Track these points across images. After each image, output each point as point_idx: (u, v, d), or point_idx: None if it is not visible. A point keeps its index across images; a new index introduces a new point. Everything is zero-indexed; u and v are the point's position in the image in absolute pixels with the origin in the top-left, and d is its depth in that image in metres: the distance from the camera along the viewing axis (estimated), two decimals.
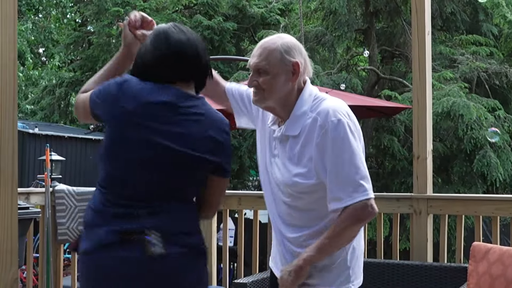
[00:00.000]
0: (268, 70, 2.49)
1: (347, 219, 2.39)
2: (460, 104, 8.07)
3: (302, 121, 2.47)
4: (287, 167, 2.50)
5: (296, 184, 2.46)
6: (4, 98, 2.52)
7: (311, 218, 2.51)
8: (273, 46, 2.50)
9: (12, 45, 2.51)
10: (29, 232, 4.59)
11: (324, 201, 2.43)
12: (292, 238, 2.55)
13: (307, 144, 2.44)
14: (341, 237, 2.43)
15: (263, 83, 2.50)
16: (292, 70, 2.49)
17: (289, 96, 2.51)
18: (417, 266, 4.13)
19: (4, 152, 2.55)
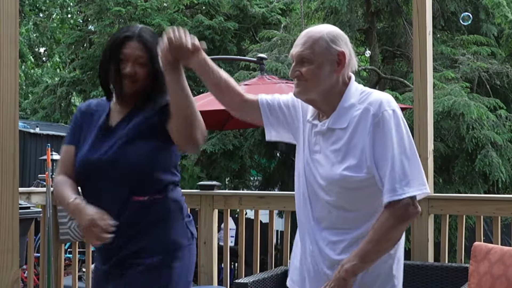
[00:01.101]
0: (312, 59, 2.36)
1: (389, 215, 2.25)
2: (461, 103, 8.06)
3: (351, 113, 2.35)
4: (332, 161, 2.35)
5: (345, 178, 2.31)
6: (5, 97, 2.52)
7: (356, 218, 2.35)
8: (319, 34, 2.39)
9: (13, 44, 2.51)
10: (30, 232, 4.59)
11: (371, 199, 2.31)
12: (333, 243, 2.37)
13: (357, 135, 2.31)
14: (386, 238, 2.26)
15: (307, 73, 2.37)
16: (338, 60, 2.37)
17: (333, 88, 2.39)
18: (418, 266, 4.13)
19: (5, 152, 2.55)
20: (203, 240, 5.05)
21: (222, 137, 10.42)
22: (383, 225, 2.24)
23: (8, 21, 2.49)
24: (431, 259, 4.38)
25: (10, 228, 2.57)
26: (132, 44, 2.50)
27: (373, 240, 2.24)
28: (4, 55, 2.49)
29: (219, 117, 7.42)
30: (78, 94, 15.08)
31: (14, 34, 2.51)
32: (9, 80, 2.52)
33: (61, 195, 2.52)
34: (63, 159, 2.61)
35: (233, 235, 8.36)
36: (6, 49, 2.49)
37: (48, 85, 15.29)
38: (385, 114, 2.29)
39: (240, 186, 11.62)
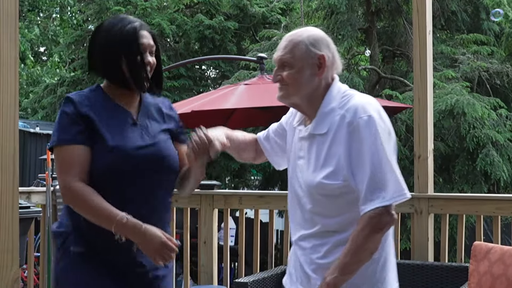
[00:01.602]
0: (292, 64, 2.36)
1: (364, 225, 2.22)
2: (464, 102, 8.06)
3: (330, 118, 2.33)
4: (313, 168, 2.35)
5: (322, 186, 2.30)
6: (5, 97, 2.52)
7: (340, 223, 2.33)
8: (299, 38, 2.38)
9: (13, 44, 2.51)
10: (30, 231, 4.59)
11: (354, 204, 2.28)
12: (317, 246, 2.37)
13: (335, 143, 2.30)
14: (363, 249, 2.24)
15: (288, 78, 2.37)
16: (318, 63, 2.36)
17: (315, 91, 2.38)
18: (418, 265, 4.13)
19: (5, 151, 2.55)
20: (203, 239, 5.05)
21: None
22: (358, 236, 2.23)
23: (8, 21, 2.49)
24: (431, 259, 4.38)
25: (10, 227, 2.57)
26: (145, 34, 2.47)
27: (351, 251, 2.23)
28: (4, 54, 2.49)
29: (219, 117, 7.43)
30: None
31: (14, 34, 2.51)
32: (9, 80, 2.52)
33: (99, 209, 2.30)
34: (78, 160, 2.33)
35: (233, 234, 8.36)
36: (6, 49, 2.49)
37: (48, 85, 15.29)
38: (360, 122, 2.25)
39: (240, 185, 11.62)
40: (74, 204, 2.35)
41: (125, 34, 2.43)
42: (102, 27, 2.50)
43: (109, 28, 2.46)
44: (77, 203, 2.33)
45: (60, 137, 2.36)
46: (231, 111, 7.16)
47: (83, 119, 2.36)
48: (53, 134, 2.39)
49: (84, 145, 2.35)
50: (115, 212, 2.29)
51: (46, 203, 4.94)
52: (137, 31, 2.44)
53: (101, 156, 2.36)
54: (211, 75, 15.08)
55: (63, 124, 2.37)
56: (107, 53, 2.44)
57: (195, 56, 12.89)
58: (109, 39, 2.44)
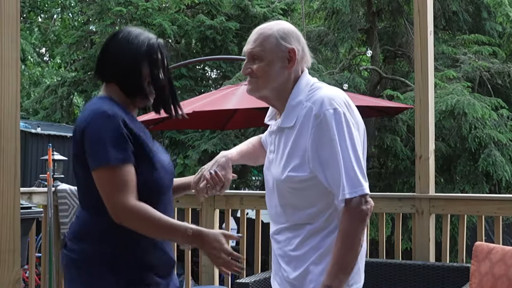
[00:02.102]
0: (262, 57, 2.37)
1: (351, 219, 2.24)
2: (465, 102, 8.06)
3: (297, 111, 2.34)
4: (280, 162, 2.36)
5: (290, 179, 2.31)
6: (7, 97, 2.52)
7: (311, 214, 2.34)
8: (269, 31, 2.39)
9: (14, 44, 2.51)
10: (32, 232, 4.59)
11: (323, 195, 2.30)
12: (289, 239, 2.39)
13: (301, 135, 2.30)
14: (357, 241, 2.25)
15: (257, 70, 2.38)
16: (288, 57, 2.37)
17: (285, 85, 2.39)
18: (419, 266, 4.13)
19: (7, 152, 2.55)
20: None
21: (223, 137, 10.43)
22: (349, 230, 2.24)
23: (9, 21, 2.49)
24: (433, 259, 4.38)
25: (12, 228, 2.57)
26: (164, 51, 2.46)
27: (347, 248, 2.23)
28: (6, 55, 2.50)
29: (220, 117, 7.44)
30: (79, 94, 15.11)
31: (16, 34, 2.51)
32: (11, 80, 2.53)
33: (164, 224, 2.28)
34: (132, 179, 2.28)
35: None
36: (7, 49, 2.50)
37: (49, 85, 15.30)
38: (326, 114, 2.25)
39: (241, 186, 11.62)
40: (137, 223, 2.27)
41: (151, 44, 2.42)
42: (122, 34, 2.43)
43: (133, 37, 2.41)
44: (141, 221, 2.27)
45: (115, 156, 2.25)
46: (232, 112, 7.17)
47: (132, 137, 2.31)
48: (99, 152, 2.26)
49: (133, 164, 2.30)
50: (179, 224, 2.31)
51: (47, 204, 4.95)
52: (161, 46, 2.45)
53: (145, 173, 2.34)
54: (212, 76, 15.08)
55: (116, 142, 2.26)
56: (130, 59, 2.39)
57: (196, 56, 12.89)
58: (134, 46, 2.39)
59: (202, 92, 12.67)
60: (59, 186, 5.13)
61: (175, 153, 11.94)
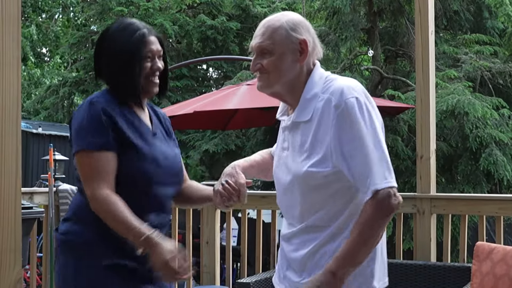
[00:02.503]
0: (273, 50, 2.24)
1: (376, 211, 2.09)
2: (465, 102, 8.05)
3: (313, 104, 2.21)
4: (299, 157, 2.22)
5: (311, 175, 2.17)
6: (8, 97, 2.52)
7: (324, 218, 2.21)
8: (278, 23, 2.25)
9: (16, 44, 2.51)
10: (33, 232, 4.59)
11: (337, 196, 2.17)
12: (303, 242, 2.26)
13: (321, 128, 2.17)
14: (375, 235, 2.11)
15: (268, 65, 2.24)
16: (300, 48, 2.24)
17: (297, 79, 2.26)
18: (421, 266, 4.13)
19: (8, 152, 2.56)
20: (205, 240, 5.05)
21: (224, 137, 10.43)
22: (369, 222, 2.09)
23: (10, 21, 2.49)
24: (434, 259, 4.38)
25: (13, 228, 2.57)
26: (153, 39, 2.45)
27: (362, 240, 2.10)
28: (7, 54, 2.50)
29: (221, 117, 7.44)
30: (80, 95, 15.11)
31: (17, 34, 2.51)
32: (12, 80, 2.53)
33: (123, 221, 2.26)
34: (108, 167, 2.30)
35: (236, 235, 8.36)
36: (8, 49, 2.50)
37: (50, 86, 15.32)
38: (348, 103, 2.13)
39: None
40: (102, 213, 2.29)
41: (134, 42, 2.41)
42: (108, 34, 2.46)
43: (117, 36, 2.44)
44: (105, 212, 2.29)
45: (92, 141, 2.30)
46: (233, 112, 7.18)
47: (113, 125, 2.33)
48: (78, 137, 2.32)
49: (114, 152, 2.32)
50: (135, 226, 2.25)
51: (48, 204, 4.95)
52: (146, 37, 2.43)
53: (131, 163, 2.35)
54: (213, 76, 15.09)
55: (94, 128, 2.31)
56: (117, 62, 2.41)
57: (197, 56, 12.90)
58: (118, 48, 2.41)
59: (203, 92, 12.67)
60: (60, 186, 5.13)
61: None
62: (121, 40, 2.42)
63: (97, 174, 2.28)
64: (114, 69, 2.43)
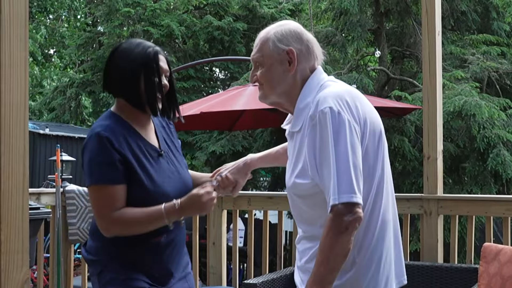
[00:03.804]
0: (263, 62, 2.30)
1: (330, 229, 2.05)
2: (472, 104, 8.04)
3: (305, 113, 2.21)
4: (290, 167, 2.28)
5: (295, 186, 2.22)
6: (15, 98, 2.52)
7: (317, 227, 2.20)
8: (267, 36, 2.31)
9: (23, 44, 2.51)
10: (40, 232, 4.61)
11: (325, 206, 2.12)
12: (305, 250, 2.29)
13: (304, 139, 2.19)
14: (334, 254, 2.05)
15: (261, 77, 2.31)
16: (288, 58, 2.27)
17: (292, 88, 2.28)
18: (428, 266, 4.12)
19: (15, 152, 2.56)
20: (212, 240, 5.05)
21: (231, 138, 10.43)
22: (324, 243, 2.06)
23: (18, 22, 2.49)
24: (441, 260, 4.37)
25: (20, 228, 2.57)
26: (162, 58, 2.55)
27: (322, 262, 2.06)
28: (14, 55, 2.50)
29: (227, 118, 7.44)
30: (87, 96, 15.15)
31: (24, 34, 2.51)
32: (19, 80, 2.53)
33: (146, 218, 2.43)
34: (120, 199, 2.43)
35: (242, 235, 8.36)
36: (16, 50, 2.50)
37: (57, 86, 15.36)
38: (320, 114, 2.11)
39: (249, 186, 11.62)
40: (124, 230, 2.45)
41: (146, 55, 2.50)
42: (121, 48, 2.56)
43: (129, 50, 2.53)
44: (126, 227, 2.44)
45: (102, 177, 2.43)
46: (239, 113, 7.18)
47: (121, 159, 2.44)
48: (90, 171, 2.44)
49: (124, 184, 2.45)
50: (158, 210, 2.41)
51: (55, 204, 4.96)
52: (157, 54, 2.52)
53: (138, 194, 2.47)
54: (220, 77, 15.10)
55: (104, 163, 2.43)
56: (128, 73, 2.50)
57: (204, 57, 12.91)
58: (131, 59, 2.50)
59: (210, 93, 12.69)
60: (67, 186, 5.14)
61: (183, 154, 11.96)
62: (135, 53, 2.51)
63: (111, 205, 2.42)
64: (124, 80, 2.52)
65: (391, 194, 2.29)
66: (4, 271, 2.48)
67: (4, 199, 2.49)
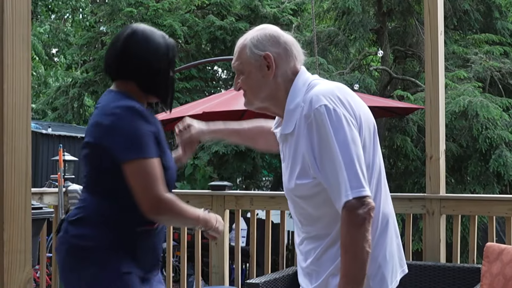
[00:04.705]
0: (242, 70, 2.31)
1: (348, 226, 2.08)
2: (477, 104, 8.03)
3: (296, 114, 2.21)
4: (288, 170, 2.27)
5: (298, 187, 2.21)
6: (17, 98, 2.53)
7: (323, 226, 2.22)
8: (244, 42, 2.32)
9: (26, 44, 2.52)
10: (43, 232, 4.61)
11: (329, 204, 2.16)
12: (309, 251, 2.29)
13: (300, 139, 2.18)
14: (357, 248, 2.07)
15: (242, 85, 2.32)
16: (266, 63, 2.26)
17: (275, 91, 2.27)
18: (430, 266, 4.12)
19: (18, 152, 2.56)
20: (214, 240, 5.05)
21: None
22: (346, 240, 2.08)
23: (20, 21, 2.50)
24: (443, 260, 4.37)
25: (23, 228, 2.58)
26: (175, 50, 2.61)
27: (350, 259, 2.08)
28: (17, 55, 2.50)
29: (230, 118, 7.44)
30: (90, 95, 15.15)
31: (27, 34, 2.52)
32: (22, 80, 2.53)
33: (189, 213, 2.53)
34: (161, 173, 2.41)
35: (244, 235, 8.35)
36: (18, 49, 2.50)
37: (60, 86, 15.37)
38: (316, 113, 2.12)
39: (252, 186, 11.62)
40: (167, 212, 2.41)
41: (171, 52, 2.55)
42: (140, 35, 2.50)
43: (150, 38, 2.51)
44: (171, 211, 2.42)
45: (149, 150, 2.37)
46: (242, 112, 7.18)
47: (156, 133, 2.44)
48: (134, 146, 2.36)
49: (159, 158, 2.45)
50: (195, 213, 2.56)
51: (58, 204, 4.97)
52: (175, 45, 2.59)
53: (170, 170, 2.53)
54: (222, 76, 15.09)
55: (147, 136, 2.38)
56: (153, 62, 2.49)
57: (206, 57, 12.90)
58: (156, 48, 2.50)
59: (212, 92, 12.68)
60: (70, 186, 5.15)
61: None
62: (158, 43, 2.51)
63: (158, 179, 2.37)
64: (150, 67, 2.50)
65: (387, 187, 2.33)
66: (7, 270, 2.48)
67: (7, 198, 2.50)
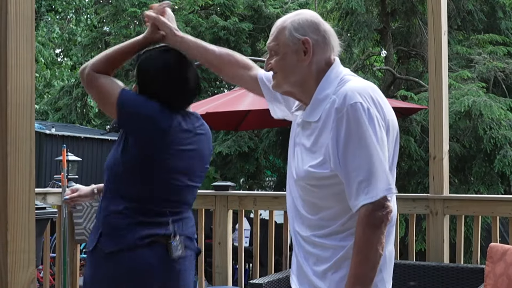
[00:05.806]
0: (277, 51, 2.28)
1: (365, 227, 2.08)
2: (481, 104, 8.02)
3: (324, 105, 2.19)
4: (303, 156, 2.24)
5: (309, 175, 2.19)
6: (21, 98, 2.53)
7: (325, 216, 2.21)
8: (284, 24, 2.29)
9: (29, 45, 2.52)
10: (46, 232, 4.62)
11: (339, 198, 2.15)
12: (308, 237, 2.25)
13: (324, 130, 2.17)
14: (369, 252, 2.08)
15: (275, 66, 2.29)
16: (304, 48, 2.24)
17: (306, 78, 2.26)
18: (434, 267, 4.12)
19: (21, 152, 2.56)
20: (217, 240, 5.06)
21: (237, 139, 10.43)
22: (361, 241, 2.08)
23: (24, 22, 2.50)
24: (447, 260, 4.37)
25: (27, 228, 2.58)
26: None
27: (362, 260, 2.08)
28: (21, 56, 2.51)
29: (233, 118, 7.45)
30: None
31: (30, 35, 2.52)
32: (26, 81, 2.53)
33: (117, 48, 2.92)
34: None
35: (248, 235, 8.36)
36: (22, 51, 2.51)
37: (64, 86, 15.39)
38: (349, 109, 2.10)
39: (255, 186, 11.62)
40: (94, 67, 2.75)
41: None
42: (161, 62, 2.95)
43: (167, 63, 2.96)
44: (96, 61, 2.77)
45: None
46: (245, 113, 7.18)
47: None
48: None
49: None
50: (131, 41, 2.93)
51: (61, 204, 4.97)
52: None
53: None
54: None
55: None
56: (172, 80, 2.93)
57: None
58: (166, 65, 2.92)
59: (216, 93, 12.68)
60: (73, 186, 5.15)
61: None
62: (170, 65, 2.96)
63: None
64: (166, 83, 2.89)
65: None
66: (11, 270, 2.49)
67: (11, 199, 2.50)
